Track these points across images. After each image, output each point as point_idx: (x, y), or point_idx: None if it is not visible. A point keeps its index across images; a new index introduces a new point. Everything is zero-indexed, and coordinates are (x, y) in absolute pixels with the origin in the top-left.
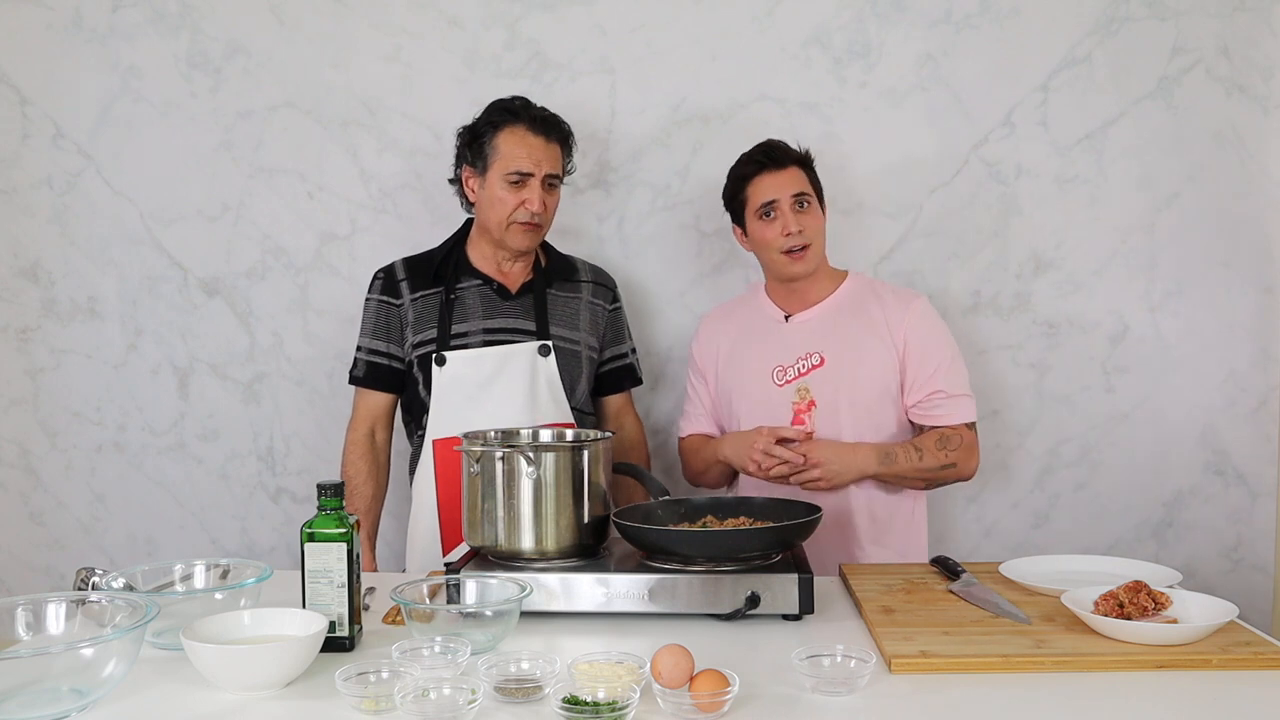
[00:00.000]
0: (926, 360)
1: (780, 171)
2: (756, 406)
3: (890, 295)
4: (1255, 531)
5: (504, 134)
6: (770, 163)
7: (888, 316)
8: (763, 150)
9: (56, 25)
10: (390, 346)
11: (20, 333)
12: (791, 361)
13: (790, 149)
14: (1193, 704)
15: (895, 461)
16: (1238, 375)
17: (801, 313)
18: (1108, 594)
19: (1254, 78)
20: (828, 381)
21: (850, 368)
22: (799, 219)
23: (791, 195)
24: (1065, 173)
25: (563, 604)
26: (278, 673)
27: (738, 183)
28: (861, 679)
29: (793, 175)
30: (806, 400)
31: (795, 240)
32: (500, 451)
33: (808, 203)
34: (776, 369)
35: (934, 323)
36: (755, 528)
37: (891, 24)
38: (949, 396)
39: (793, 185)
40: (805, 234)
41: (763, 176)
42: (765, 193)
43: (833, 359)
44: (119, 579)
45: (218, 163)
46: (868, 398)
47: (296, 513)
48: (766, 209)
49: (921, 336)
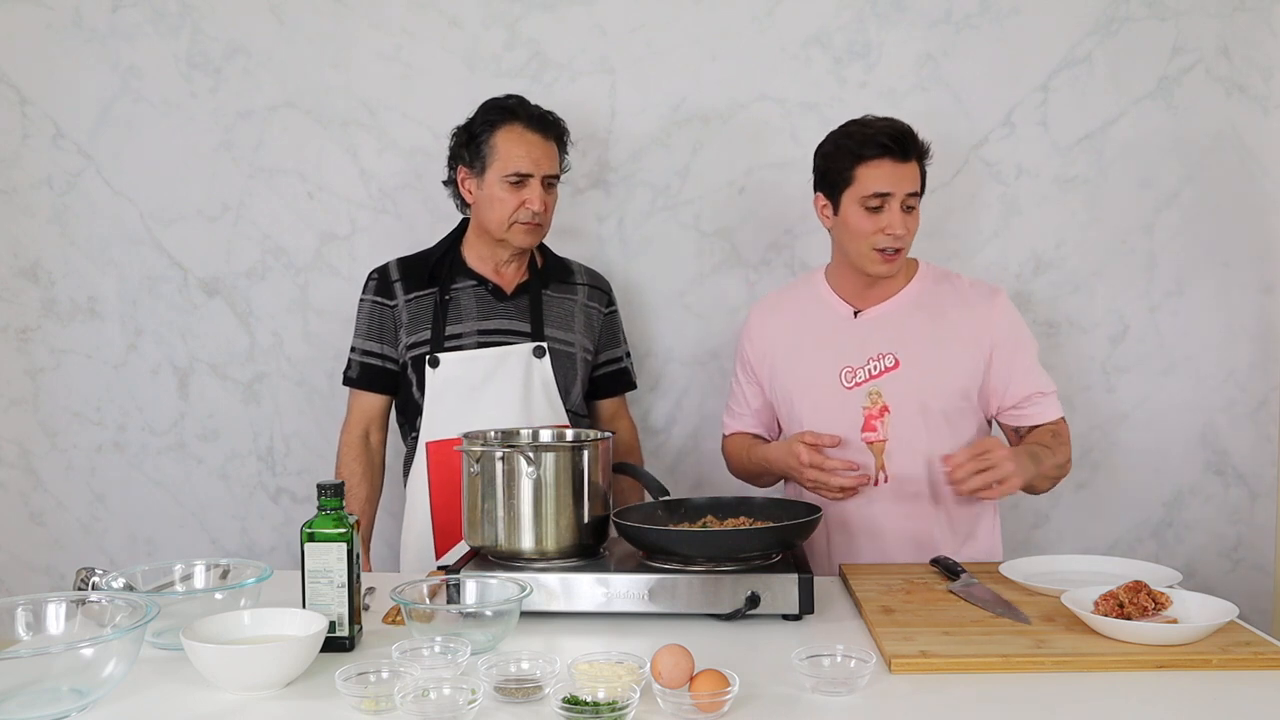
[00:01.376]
0: (1018, 359)
1: (904, 164)
2: (822, 411)
3: (971, 290)
4: (1255, 531)
5: (501, 133)
6: (898, 150)
7: (972, 315)
8: (893, 133)
9: (56, 25)
10: (384, 348)
11: (20, 333)
12: (862, 362)
13: (915, 140)
14: (1193, 704)
15: (1041, 462)
16: (1238, 375)
17: (872, 308)
18: (1108, 594)
19: (1254, 78)
20: (903, 385)
21: (928, 371)
22: (906, 220)
23: (907, 193)
24: (1065, 173)
25: (563, 604)
26: (278, 673)
27: (849, 158)
28: (861, 679)
29: (913, 171)
30: (879, 405)
31: (895, 243)
32: (500, 451)
33: (915, 204)
34: (845, 370)
35: (1017, 317)
36: (755, 528)
37: (891, 24)
38: (1045, 394)
39: (911, 183)
40: (906, 238)
41: (883, 162)
42: (881, 182)
43: (908, 361)
44: (119, 579)
45: (218, 163)
46: (946, 404)
47: (296, 513)
48: (878, 198)
49: (1011, 334)
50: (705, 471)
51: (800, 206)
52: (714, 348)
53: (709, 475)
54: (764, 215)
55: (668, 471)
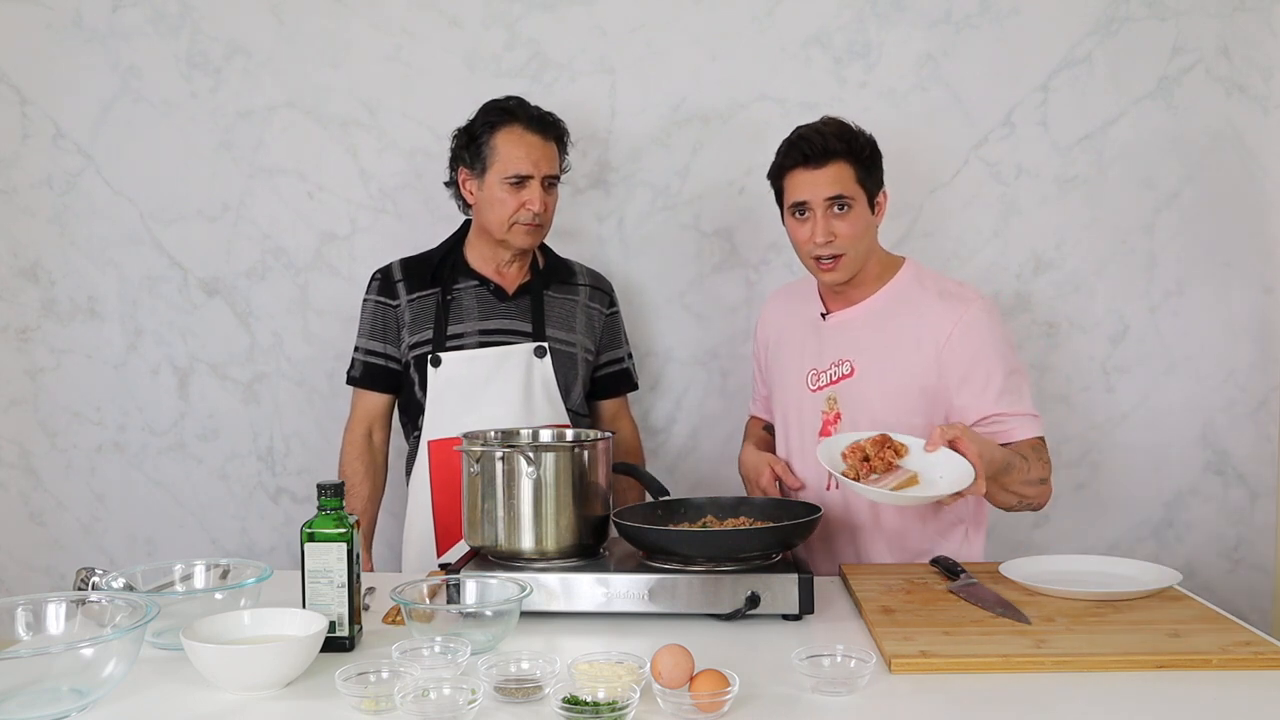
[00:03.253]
0: (974, 375)
1: (818, 169)
2: (790, 410)
3: (937, 299)
4: (1255, 531)
5: (501, 135)
6: (807, 158)
7: (926, 328)
8: (802, 142)
9: (56, 25)
10: (387, 347)
11: (20, 333)
12: (825, 366)
13: (835, 140)
14: (1193, 704)
15: (1011, 470)
16: (1238, 375)
17: (839, 313)
18: (855, 445)
19: (1254, 78)
20: (857, 394)
21: (877, 382)
22: (833, 224)
23: (826, 198)
24: (1065, 173)
25: (563, 604)
26: (278, 673)
27: (777, 171)
28: (861, 679)
29: (832, 174)
30: (834, 412)
31: (824, 250)
32: (500, 451)
33: (848, 205)
34: (811, 372)
35: (983, 335)
36: (755, 528)
37: (891, 24)
38: (1009, 416)
39: (829, 186)
40: (837, 243)
41: (797, 172)
42: (797, 191)
43: (862, 369)
44: (119, 579)
45: (218, 163)
46: (892, 418)
47: (296, 513)
48: (799, 208)
49: (968, 353)
50: (705, 471)
51: None
52: (714, 348)
53: (709, 475)
54: (764, 215)
55: (668, 471)
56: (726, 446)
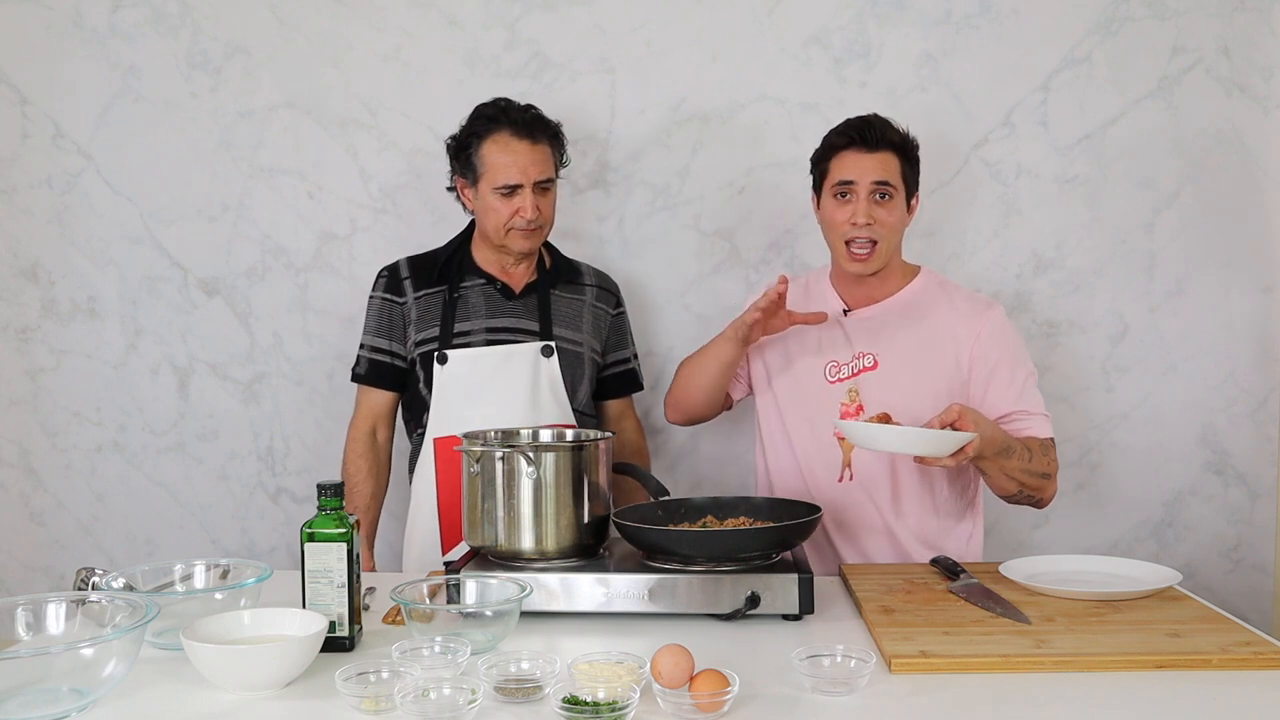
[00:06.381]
0: (999, 374)
1: (869, 154)
2: (806, 401)
3: (963, 301)
4: (1255, 531)
5: (488, 144)
6: (861, 140)
7: (957, 325)
8: (860, 125)
9: (56, 25)
10: (393, 344)
11: (20, 333)
12: (847, 359)
13: (891, 130)
14: (1193, 704)
15: (1011, 455)
16: (1238, 375)
17: (863, 308)
18: None
19: (1254, 78)
20: (878, 386)
21: (904, 375)
22: (873, 210)
23: (873, 181)
24: (1065, 173)
25: (563, 604)
26: (278, 673)
27: (825, 152)
28: (861, 679)
29: (882, 161)
30: (855, 404)
31: (861, 232)
32: (500, 451)
33: (890, 195)
34: (831, 364)
35: (1009, 335)
36: (755, 528)
37: (891, 24)
38: (1029, 414)
39: (878, 170)
40: (875, 228)
41: (848, 152)
42: (846, 170)
43: (886, 363)
44: (119, 579)
45: (218, 163)
46: (919, 409)
47: (296, 513)
48: (843, 189)
49: (995, 350)
50: (705, 471)
51: (800, 206)
52: None
53: (709, 475)
54: (764, 215)
55: (668, 471)
56: (726, 446)
